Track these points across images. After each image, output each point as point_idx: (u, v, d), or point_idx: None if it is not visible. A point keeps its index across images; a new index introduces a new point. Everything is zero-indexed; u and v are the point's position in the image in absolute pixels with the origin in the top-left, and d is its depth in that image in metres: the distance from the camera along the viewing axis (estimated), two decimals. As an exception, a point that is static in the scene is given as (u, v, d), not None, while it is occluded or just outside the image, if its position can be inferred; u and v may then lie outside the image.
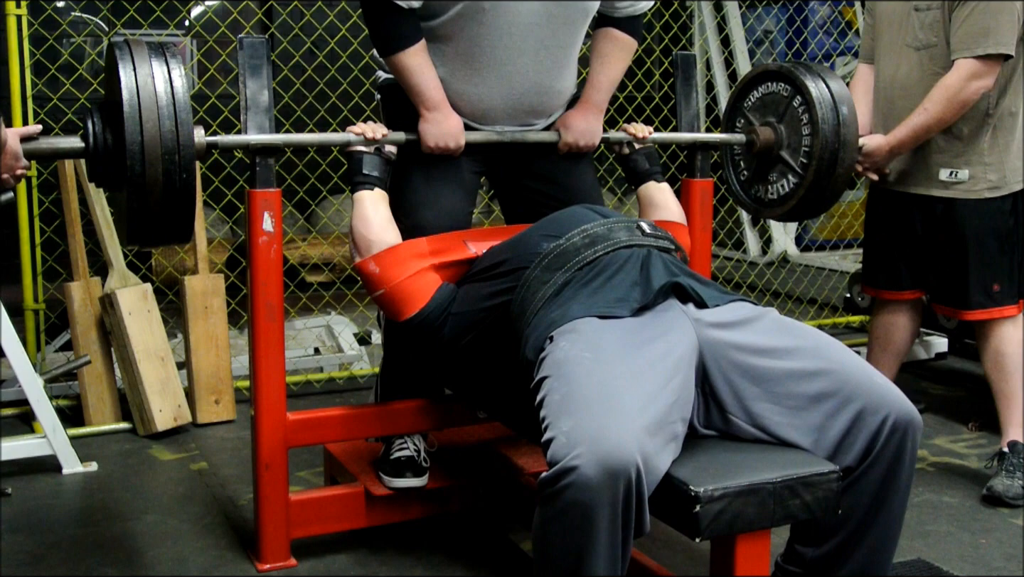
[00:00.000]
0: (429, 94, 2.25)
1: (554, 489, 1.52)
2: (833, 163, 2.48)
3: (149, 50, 1.91)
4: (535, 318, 1.85)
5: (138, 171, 1.85)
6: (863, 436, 1.71)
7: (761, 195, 2.69)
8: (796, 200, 2.56)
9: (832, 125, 2.46)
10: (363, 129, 2.21)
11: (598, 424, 1.53)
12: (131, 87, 1.85)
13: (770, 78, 2.62)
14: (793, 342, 1.80)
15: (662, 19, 4.99)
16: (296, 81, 4.04)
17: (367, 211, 2.16)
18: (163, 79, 1.88)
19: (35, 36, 3.47)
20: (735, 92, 2.75)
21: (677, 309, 1.83)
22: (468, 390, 2.31)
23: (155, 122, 1.85)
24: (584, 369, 1.65)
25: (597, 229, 1.97)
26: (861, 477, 1.73)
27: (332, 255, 5.17)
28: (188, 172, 1.89)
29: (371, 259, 2.11)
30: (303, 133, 2.48)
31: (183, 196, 1.91)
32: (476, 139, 2.32)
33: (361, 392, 3.71)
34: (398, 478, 2.33)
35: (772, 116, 2.61)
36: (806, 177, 2.51)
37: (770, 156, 2.62)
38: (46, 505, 2.67)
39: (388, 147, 2.24)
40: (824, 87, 2.48)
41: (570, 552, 1.53)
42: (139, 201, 1.88)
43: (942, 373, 3.99)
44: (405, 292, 2.09)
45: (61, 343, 3.68)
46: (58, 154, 1.99)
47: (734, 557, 1.64)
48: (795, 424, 1.75)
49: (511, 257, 2.03)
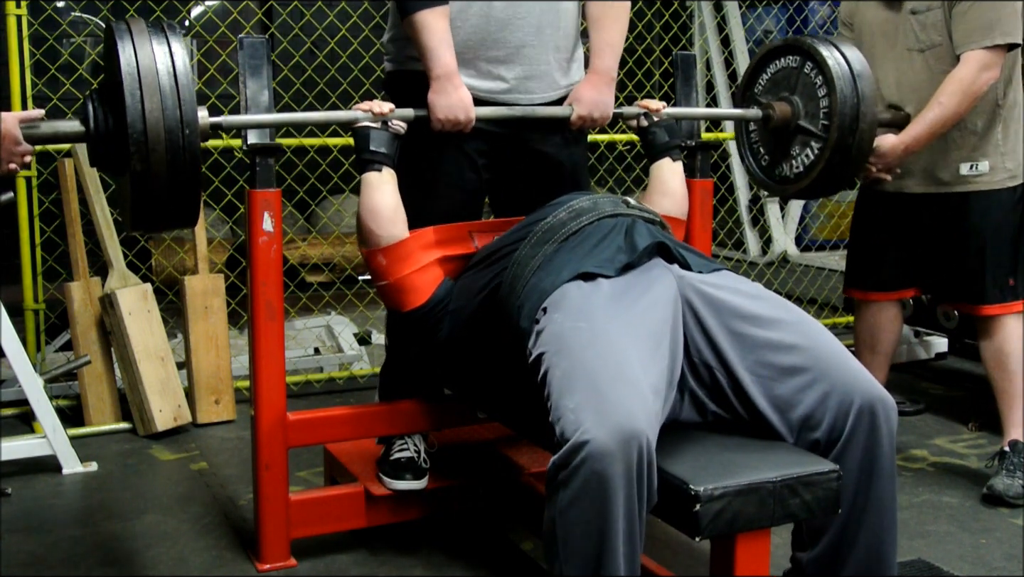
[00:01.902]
0: (443, 59, 2.17)
1: (569, 469, 1.51)
2: (855, 118, 2.41)
3: (149, 28, 1.84)
4: (525, 289, 1.87)
5: (141, 152, 1.77)
6: (829, 416, 1.72)
7: (786, 173, 2.60)
8: (823, 164, 2.46)
9: (848, 81, 2.40)
10: (370, 105, 2.15)
11: (604, 395, 1.55)
12: (131, 65, 1.78)
13: (777, 54, 2.58)
14: (775, 313, 1.82)
15: (662, 19, 4.99)
16: (296, 81, 4.04)
17: (375, 200, 2.10)
18: (164, 56, 1.81)
19: (35, 36, 3.47)
20: (743, 82, 2.70)
21: (662, 267, 1.87)
22: (467, 390, 2.31)
23: (157, 99, 1.78)
24: (581, 340, 1.67)
25: (582, 204, 2.00)
26: (839, 465, 1.71)
27: (332, 255, 5.17)
28: (192, 151, 1.81)
29: (379, 251, 2.10)
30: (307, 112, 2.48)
31: (188, 177, 1.82)
32: (487, 114, 2.25)
33: (361, 392, 3.71)
34: (398, 480, 2.33)
35: (785, 91, 2.56)
36: (829, 138, 2.42)
37: (788, 129, 2.54)
38: (46, 505, 2.67)
39: (396, 123, 2.16)
40: (833, 48, 2.45)
41: (591, 534, 1.52)
42: (143, 183, 1.80)
43: (942, 373, 3.99)
44: (408, 286, 2.10)
45: (61, 343, 3.68)
46: (58, 137, 1.91)
47: (734, 556, 1.64)
48: (764, 393, 1.76)
49: (502, 246, 2.06)
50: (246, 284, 2.23)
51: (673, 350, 1.75)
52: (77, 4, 5.76)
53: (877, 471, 1.72)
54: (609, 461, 1.48)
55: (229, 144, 3.62)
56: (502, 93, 2.31)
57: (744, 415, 1.80)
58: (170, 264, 4.68)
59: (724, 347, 1.79)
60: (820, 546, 1.80)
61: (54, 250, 3.42)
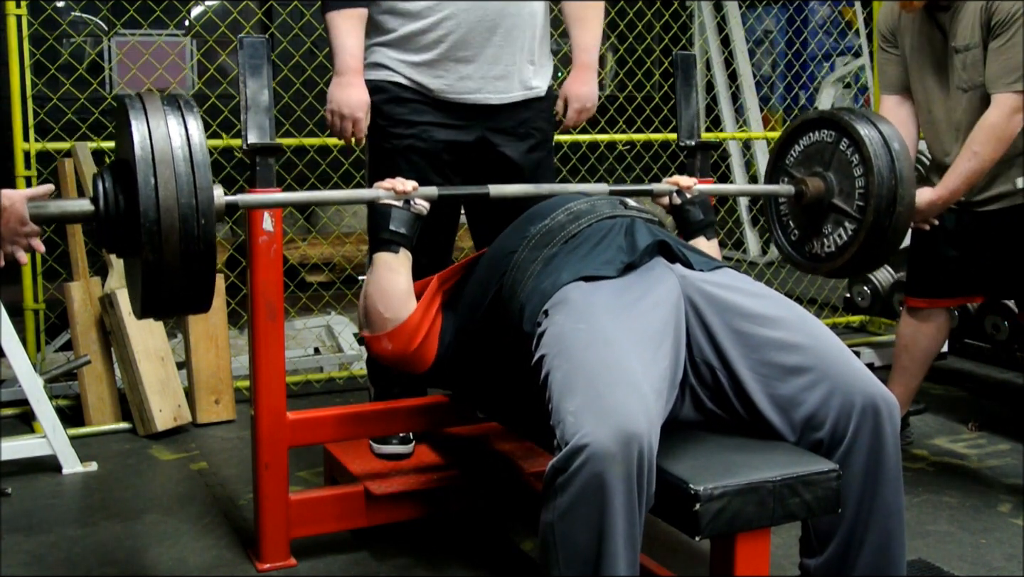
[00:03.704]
0: (344, 58, 2.36)
1: (568, 472, 1.50)
2: (892, 201, 2.32)
3: (164, 103, 1.75)
4: (526, 292, 1.86)
5: (154, 241, 1.67)
6: (832, 416, 1.71)
7: (817, 251, 2.51)
8: (857, 246, 2.37)
9: (886, 162, 2.31)
10: (392, 183, 2.08)
11: (603, 398, 1.54)
12: (144, 144, 1.68)
13: (811, 127, 2.48)
14: (778, 312, 1.81)
15: (662, 19, 4.99)
16: (296, 81, 4.04)
17: (386, 282, 2.04)
18: (179, 135, 1.71)
19: (35, 36, 3.47)
20: (775, 150, 2.59)
21: (663, 266, 1.86)
22: (468, 391, 2.31)
23: (171, 181, 1.68)
24: (581, 342, 1.66)
25: (580, 206, 1.99)
26: (843, 468, 1.71)
27: (332, 255, 5.17)
28: (207, 236, 1.71)
29: (384, 336, 2.05)
30: (325, 191, 2.59)
31: (202, 263, 1.72)
32: (511, 193, 2.25)
33: (361, 392, 3.71)
34: (385, 445, 2.49)
35: (818, 166, 2.46)
36: (865, 220, 2.34)
37: (822, 206, 2.44)
38: (46, 505, 2.67)
39: (419, 202, 2.08)
40: (870, 126, 2.36)
41: (591, 537, 1.51)
42: (154, 269, 1.70)
43: (942, 373, 3.98)
44: (417, 356, 2.07)
45: (61, 343, 3.68)
46: (66, 218, 1.80)
47: (734, 556, 1.64)
48: (768, 393, 1.75)
49: (500, 251, 2.04)
50: (246, 284, 2.23)
51: (675, 350, 1.74)
52: (77, 4, 5.76)
53: (883, 472, 1.72)
54: (609, 464, 1.48)
55: (229, 144, 3.62)
56: (470, 93, 2.44)
57: (744, 415, 1.79)
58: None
59: (726, 346, 1.78)
60: (828, 551, 1.79)
61: (54, 250, 3.42)
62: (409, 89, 2.43)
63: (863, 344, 4.22)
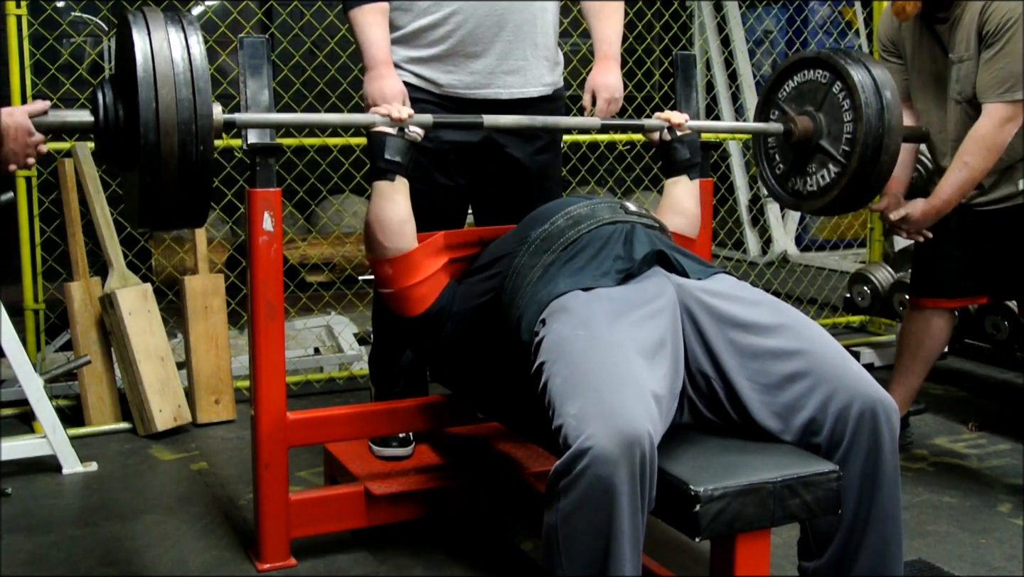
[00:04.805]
0: (372, 51, 2.36)
1: (572, 475, 1.50)
2: (877, 150, 2.36)
3: (166, 18, 1.77)
4: (524, 301, 1.86)
5: (152, 143, 1.70)
6: (830, 420, 1.70)
7: (799, 188, 2.56)
8: (838, 190, 2.43)
9: (876, 110, 2.34)
10: (388, 110, 2.10)
11: (605, 400, 1.54)
12: (146, 53, 1.70)
13: (807, 66, 2.51)
14: (775, 319, 1.80)
15: (662, 19, 4.99)
16: (296, 81, 4.04)
17: (385, 211, 2.08)
18: (180, 46, 1.73)
19: (35, 36, 3.47)
20: (769, 83, 2.63)
21: (661, 275, 1.85)
22: (467, 391, 2.31)
23: (171, 89, 1.70)
24: (581, 348, 1.66)
25: (580, 210, 1.98)
26: (841, 471, 1.70)
27: (332, 255, 5.17)
28: (205, 146, 1.73)
29: (385, 261, 2.09)
30: (321, 113, 2.51)
31: (199, 172, 1.75)
32: (509, 123, 2.28)
33: (361, 392, 3.71)
34: (385, 448, 2.51)
35: (809, 105, 2.50)
36: (849, 165, 2.38)
37: (808, 146, 2.49)
38: (46, 505, 2.67)
39: (413, 129, 2.11)
40: (865, 72, 2.38)
41: (597, 539, 1.51)
42: (152, 177, 1.73)
43: (942, 373, 3.98)
44: (414, 296, 2.09)
45: (61, 343, 3.68)
46: (66, 128, 1.84)
47: (734, 557, 1.64)
48: (766, 402, 1.75)
49: (501, 252, 2.05)
50: (246, 284, 2.23)
51: (674, 360, 1.73)
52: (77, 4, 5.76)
53: (881, 476, 1.71)
54: (613, 466, 1.48)
55: (229, 144, 3.61)
56: (479, 88, 2.43)
57: (741, 425, 1.79)
58: (170, 264, 4.68)
59: (723, 357, 1.78)
60: (826, 554, 1.79)
61: (54, 250, 3.42)
62: (417, 89, 2.42)
63: (863, 344, 4.23)
